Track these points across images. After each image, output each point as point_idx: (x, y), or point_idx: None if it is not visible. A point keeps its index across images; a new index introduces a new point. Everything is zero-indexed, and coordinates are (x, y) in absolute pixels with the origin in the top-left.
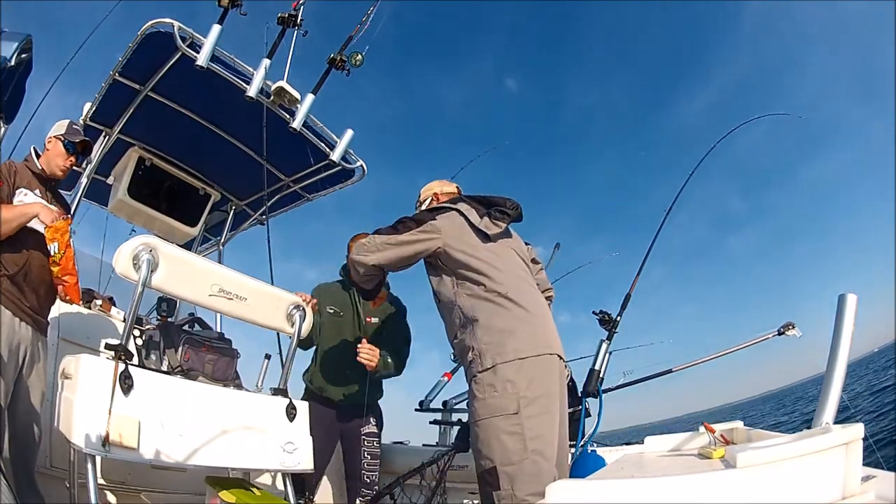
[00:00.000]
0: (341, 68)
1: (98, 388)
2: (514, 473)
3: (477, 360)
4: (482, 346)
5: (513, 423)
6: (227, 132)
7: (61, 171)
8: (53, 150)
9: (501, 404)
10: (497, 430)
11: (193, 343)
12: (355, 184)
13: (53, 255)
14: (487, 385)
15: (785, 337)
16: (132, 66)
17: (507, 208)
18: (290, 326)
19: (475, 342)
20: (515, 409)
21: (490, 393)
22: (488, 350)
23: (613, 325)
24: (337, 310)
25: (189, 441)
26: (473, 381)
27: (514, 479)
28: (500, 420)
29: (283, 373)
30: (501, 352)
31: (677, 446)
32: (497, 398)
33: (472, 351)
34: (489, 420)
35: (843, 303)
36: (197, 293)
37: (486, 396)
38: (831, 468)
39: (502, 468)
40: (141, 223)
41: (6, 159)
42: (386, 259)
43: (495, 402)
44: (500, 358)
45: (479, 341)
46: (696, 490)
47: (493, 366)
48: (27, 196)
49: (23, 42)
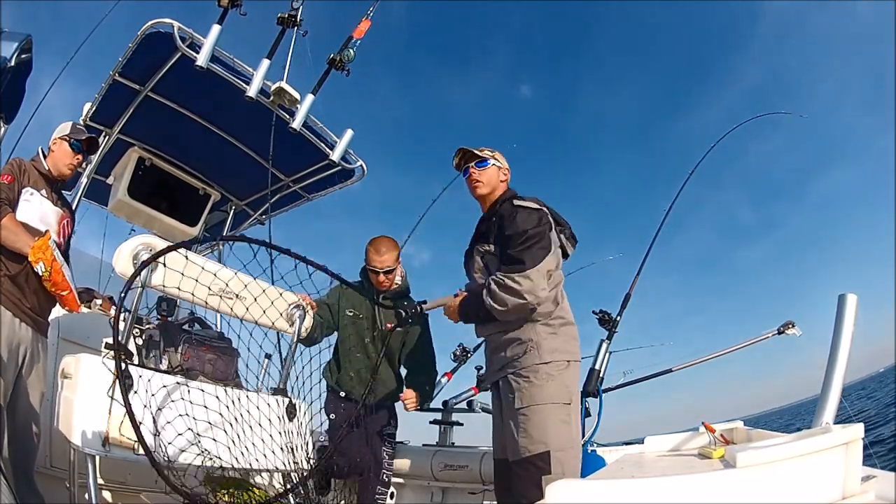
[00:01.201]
0: (341, 68)
1: (98, 388)
2: (565, 460)
3: (534, 352)
4: (542, 340)
5: (565, 413)
6: (226, 132)
7: (69, 169)
8: (59, 150)
9: (558, 394)
10: (553, 416)
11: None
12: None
13: (42, 273)
14: (546, 374)
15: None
16: (132, 66)
17: (573, 234)
18: (290, 326)
19: (535, 335)
20: (568, 401)
21: (548, 381)
22: (548, 345)
23: (613, 324)
24: (356, 312)
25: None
26: (528, 370)
27: (564, 465)
28: (556, 408)
29: (283, 373)
30: (560, 349)
31: (677, 446)
32: (554, 388)
33: (531, 342)
34: (545, 406)
35: (843, 303)
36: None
37: (543, 384)
38: (831, 468)
39: (556, 453)
40: (141, 223)
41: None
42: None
43: (553, 390)
44: (560, 355)
45: (539, 335)
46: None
47: (552, 360)
48: (33, 195)
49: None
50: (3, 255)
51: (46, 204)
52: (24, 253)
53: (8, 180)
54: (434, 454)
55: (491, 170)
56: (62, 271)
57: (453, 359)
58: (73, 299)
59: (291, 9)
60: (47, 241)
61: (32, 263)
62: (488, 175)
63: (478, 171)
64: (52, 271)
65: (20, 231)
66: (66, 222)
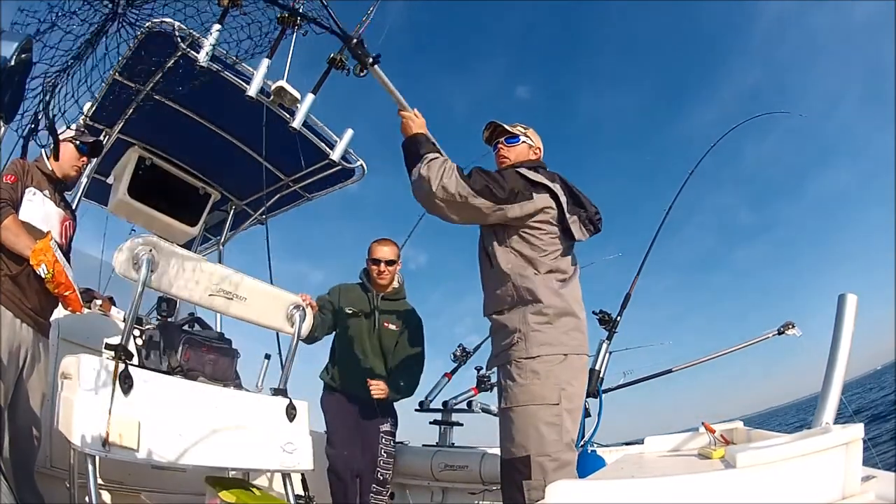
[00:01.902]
0: (341, 68)
1: (98, 388)
2: (548, 465)
3: (521, 345)
4: (530, 332)
5: (553, 414)
6: (227, 132)
7: (75, 171)
8: (65, 152)
9: (544, 393)
10: (536, 418)
11: (193, 343)
12: (357, 185)
13: (45, 276)
14: (530, 371)
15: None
16: (132, 66)
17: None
18: (290, 326)
19: (524, 325)
20: (557, 400)
21: (532, 379)
22: (536, 337)
23: (613, 324)
24: (355, 310)
25: (189, 441)
26: (514, 365)
27: (547, 470)
28: (541, 409)
29: (283, 373)
30: (554, 342)
31: (677, 446)
32: (539, 386)
33: (518, 333)
34: (528, 408)
35: (843, 303)
36: (197, 293)
37: (528, 382)
38: (831, 468)
39: (537, 458)
40: (141, 223)
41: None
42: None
43: (538, 389)
44: (552, 349)
45: (528, 325)
46: (696, 490)
47: (541, 355)
48: (36, 195)
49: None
50: (4, 254)
51: (49, 205)
52: (24, 255)
53: (11, 180)
54: (434, 454)
55: (521, 147)
56: (65, 272)
57: (453, 359)
58: (77, 299)
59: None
60: (48, 242)
61: (34, 266)
62: (517, 152)
63: (507, 147)
64: (54, 273)
65: (21, 232)
66: (69, 224)
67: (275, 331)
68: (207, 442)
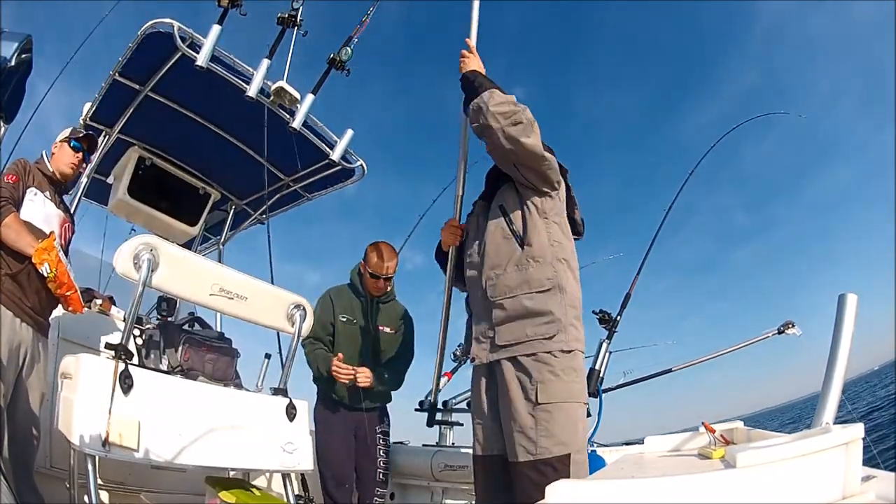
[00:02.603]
0: (341, 68)
1: (98, 388)
2: (581, 463)
3: (561, 336)
4: (568, 324)
5: (583, 413)
6: (227, 132)
7: (71, 168)
8: (61, 151)
9: (581, 390)
10: (576, 416)
11: (193, 343)
12: (356, 186)
13: (48, 275)
14: (570, 368)
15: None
16: (132, 66)
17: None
18: (291, 326)
19: (563, 315)
20: (585, 400)
21: (573, 377)
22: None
23: (613, 324)
24: (350, 318)
25: (189, 441)
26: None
27: (580, 469)
28: (578, 407)
29: (283, 373)
30: (579, 338)
31: (677, 446)
32: (578, 384)
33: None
34: (570, 405)
35: (843, 303)
36: (197, 293)
37: (569, 379)
38: (831, 468)
39: (576, 456)
40: (141, 223)
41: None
42: (536, 146)
43: (577, 387)
44: (578, 344)
45: (567, 316)
46: (696, 490)
47: (573, 350)
48: (37, 196)
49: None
50: (4, 253)
51: (50, 206)
52: (27, 253)
53: (13, 180)
54: (434, 454)
55: None
56: (66, 271)
57: (453, 359)
58: (78, 299)
59: (291, 9)
60: (52, 241)
61: (37, 265)
62: None
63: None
64: (57, 272)
65: (23, 230)
66: (68, 226)
67: (275, 330)
68: (207, 442)
